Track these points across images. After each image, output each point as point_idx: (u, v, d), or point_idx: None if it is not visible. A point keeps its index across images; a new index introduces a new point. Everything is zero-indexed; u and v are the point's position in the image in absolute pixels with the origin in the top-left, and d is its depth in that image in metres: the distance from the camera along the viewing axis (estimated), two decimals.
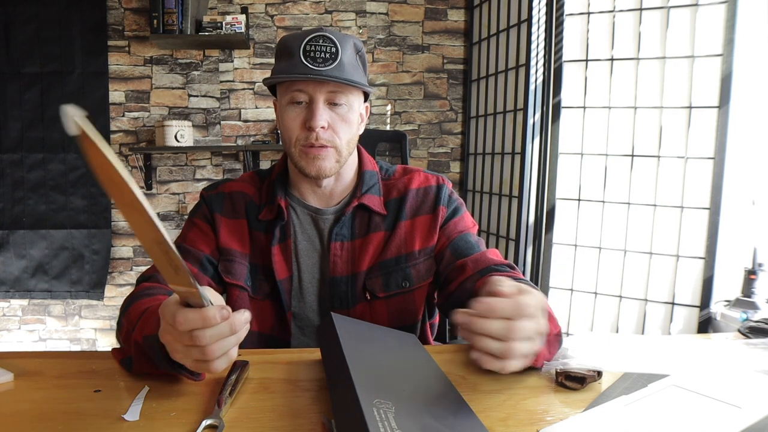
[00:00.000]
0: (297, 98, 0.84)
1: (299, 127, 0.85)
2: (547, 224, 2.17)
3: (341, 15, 2.69)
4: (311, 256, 0.93)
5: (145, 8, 2.56)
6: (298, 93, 0.84)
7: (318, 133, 0.83)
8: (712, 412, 0.56)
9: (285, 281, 0.91)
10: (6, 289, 2.64)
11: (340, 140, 0.86)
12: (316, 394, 0.64)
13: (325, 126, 0.84)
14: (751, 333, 0.88)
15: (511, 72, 2.29)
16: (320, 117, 0.83)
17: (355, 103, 0.87)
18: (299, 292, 0.93)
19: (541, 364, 0.69)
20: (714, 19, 1.83)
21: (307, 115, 0.84)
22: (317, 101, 0.83)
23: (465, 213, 0.98)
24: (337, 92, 0.84)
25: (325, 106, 0.84)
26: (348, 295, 0.91)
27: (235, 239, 0.92)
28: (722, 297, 1.87)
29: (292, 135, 0.86)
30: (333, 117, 0.85)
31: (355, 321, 0.75)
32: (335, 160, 0.87)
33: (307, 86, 0.83)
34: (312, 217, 0.94)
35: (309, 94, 0.83)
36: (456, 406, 0.56)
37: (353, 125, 0.88)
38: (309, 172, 0.86)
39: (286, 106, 0.86)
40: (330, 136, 0.85)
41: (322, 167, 0.86)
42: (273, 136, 2.69)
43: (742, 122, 1.82)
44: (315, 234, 0.94)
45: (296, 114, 0.85)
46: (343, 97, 0.85)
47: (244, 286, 0.90)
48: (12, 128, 2.57)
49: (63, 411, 0.59)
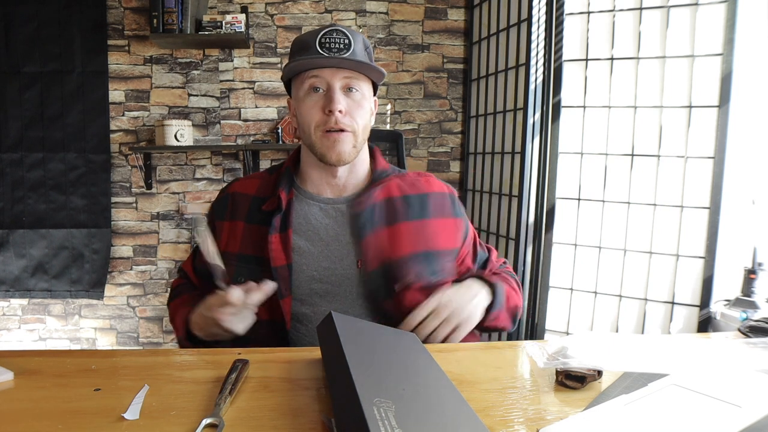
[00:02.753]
0: (315, 84, 0.89)
1: (318, 112, 0.90)
2: (547, 224, 2.17)
3: (341, 14, 2.68)
4: (317, 244, 0.94)
5: (145, 7, 2.56)
6: (316, 80, 0.89)
7: (337, 117, 0.88)
8: (712, 411, 0.56)
9: (281, 269, 0.92)
10: (6, 288, 2.64)
11: (357, 125, 0.91)
12: (316, 392, 0.64)
13: (343, 111, 0.89)
14: (751, 332, 0.87)
15: (511, 71, 2.29)
16: (339, 100, 0.88)
17: (367, 92, 0.93)
18: (301, 281, 0.93)
19: (501, 324, 0.97)
20: (714, 18, 1.83)
21: (325, 100, 0.89)
22: (334, 87, 0.88)
23: (469, 221, 1.07)
24: (352, 78, 0.90)
25: (342, 93, 0.89)
26: (378, 285, 0.92)
27: (232, 241, 0.96)
28: (722, 296, 1.87)
29: (312, 121, 0.90)
30: (349, 103, 0.90)
31: (355, 320, 0.75)
32: (352, 145, 0.91)
33: (324, 73, 0.88)
34: (322, 207, 0.96)
35: (326, 81, 0.89)
36: (456, 405, 0.56)
37: (367, 112, 0.94)
38: (329, 158, 0.91)
39: (305, 96, 0.91)
40: (348, 121, 0.90)
41: (341, 152, 0.90)
42: (273, 135, 2.69)
43: (742, 122, 1.82)
44: (327, 223, 0.95)
45: (315, 101, 0.90)
46: (357, 84, 0.91)
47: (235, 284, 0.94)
48: (12, 127, 2.57)
49: (63, 410, 0.59)
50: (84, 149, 2.61)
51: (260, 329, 0.92)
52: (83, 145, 2.60)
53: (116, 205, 2.69)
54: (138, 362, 0.78)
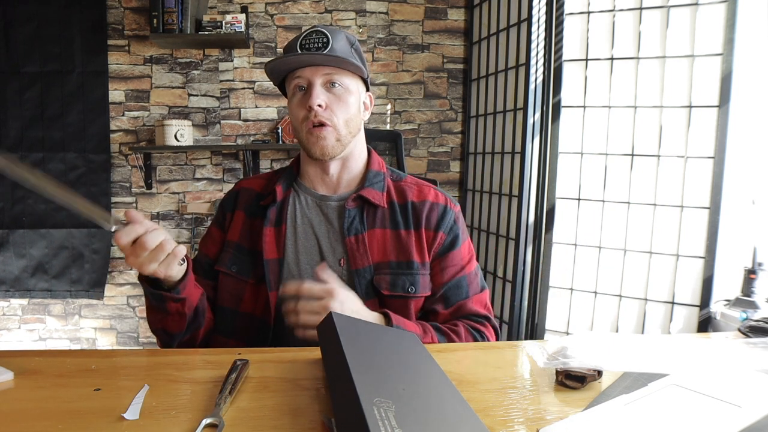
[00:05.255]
0: (299, 84, 0.93)
1: (302, 110, 0.92)
2: (547, 223, 2.17)
3: (341, 14, 2.68)
4: (310, 239, 0.96)
5: (145, 7, 2.56)
6: (299, 79, 0.92)
7: (317, 111, 0.90)
8: (712, 411, 0.56)
9: (272, 262, 0.94)
10: (6, 288, 2.64)
11: (338, 119, 0.92)
12: (316, 392, 0.64)
13: (323, 105, 0.91)
14: (751, 332, 0.87)
15: (511, 71, 2.29)
16: (316, 96, 0.90)
17: (351, 86, 0.94)
18: (295, 274, 0.94)
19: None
20: (714, 18, 1.83)
21: (306, 97, 0.92)
22: (314, 84, 0.91)
23: (463, 245, 0.99)
24: (332, 74, 0.92)
25: (323, 89, 0.92)
26: (361, 288, 0.92)
27: (234, 231, 1.00)
28: (722, 296, 1.87)
29: (298, 117, 0.93)
30: (330, 98, 0.92)
31: (355, 320, 0.75)
32: (335, 139, 0.93)
33: (304, 72, 0.91)
34: (317, 203, 0.99)
35: (307, 79, 0.92)
36: (456, 405, 0.56)
37: (350, 106, 0.94)
38: (314, 152, 0.93)
39: (291, 96, 0.95)
40: (328, 115, 0.92)
41: (324, 146, 0.92)
42: (273, 135, 2.69)
43: (742, 122, 1.82)
44: (320, 220, 0.97)
45: (299, 99, 0.93)
46: (339, 79, 0.92)
47: (227, 272, 0.97)
48: (12, 127, 2.57)
49: (63, 410, 0.59)
50: (84, 149, 2.61)
51: (242, 322, 0.94)
52: (83, 145, 2.60)
53: (116, 205, 2.69)
54: (138, 362, 0.78)
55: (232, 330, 0.95)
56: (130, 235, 0.72)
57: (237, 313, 0.95)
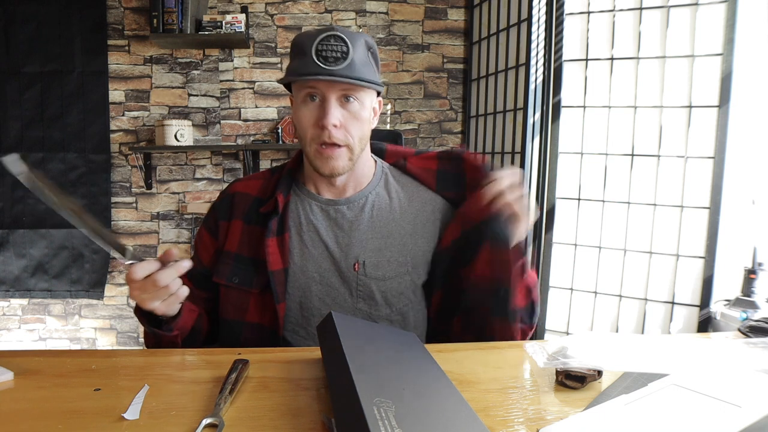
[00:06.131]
0: (311, 93, 0.87)
1: (313, 125, 0.87)
2: (547, 223, 2.17)
3: (341, 14, 2.68)
4: (317, 246, 0.93)
5: (145, 7, 2.56)
6: (312, 90, 0.86)
7: (331, 131, 0.85)
8: (712, 411, 0.56)
9: (278, 273, 0.91)
10: (6, 288, 2.64)
11: (353, 138, 0.88)
12: (316, 392, 0.64)
13: (338, 124, 0.86)
14: (751, 332, 0.87)
15: (511, 71, 2.29)
16: (332, 115, 0.85)
17: (366, 100, 0.90)
18: (302, 283, 0.92)
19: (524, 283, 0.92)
20: (714, 18, 1.83)
21: (320, 113, 0.86)
22: (329, 100, 0.85)
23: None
24: (348, 90, 0.86)
25: (337, 104, 0.86)
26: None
27: (232, 241, 0.96)
28: (722, 296, 1.87)
29: (307, 133, 0.88)
30: (345, 115, 0.87)
31: (355, 320, 0.75)
32: (348, 158, 0.90)
33: (319, 85, 0.85)
34: (322, 208, 0.95)
35: (322, 92, 0.86)
36: (456, 405, 0.56)
37: (365, 122, 0.90)
38: (323, 172, 0.90)
39: (301, 104, 0.88)
40: (343, 135, 0.87)
41: (335, 167, 0.89)
42: (273, 135, 2.69)
43: (742, 122, 1.82)
44: (327, 225, 0.95)
45: (310, 111, 0.87)
46: (355, 95, 0.87)
47: (229, 284, 0.93)
48: (12, 127, 2.57)
49: (63, 410, 0.59)
50: (84, 149, 2.61)
51: (250, 333, 0.92)
52: (83, 145, 2.60)
53: (116, 205, 2.69)
54: (138, 362, 0.78)
55: (240, 342, 0.92)
56: (145, 270, 0.72)
57: (243, 323, 0.93)
